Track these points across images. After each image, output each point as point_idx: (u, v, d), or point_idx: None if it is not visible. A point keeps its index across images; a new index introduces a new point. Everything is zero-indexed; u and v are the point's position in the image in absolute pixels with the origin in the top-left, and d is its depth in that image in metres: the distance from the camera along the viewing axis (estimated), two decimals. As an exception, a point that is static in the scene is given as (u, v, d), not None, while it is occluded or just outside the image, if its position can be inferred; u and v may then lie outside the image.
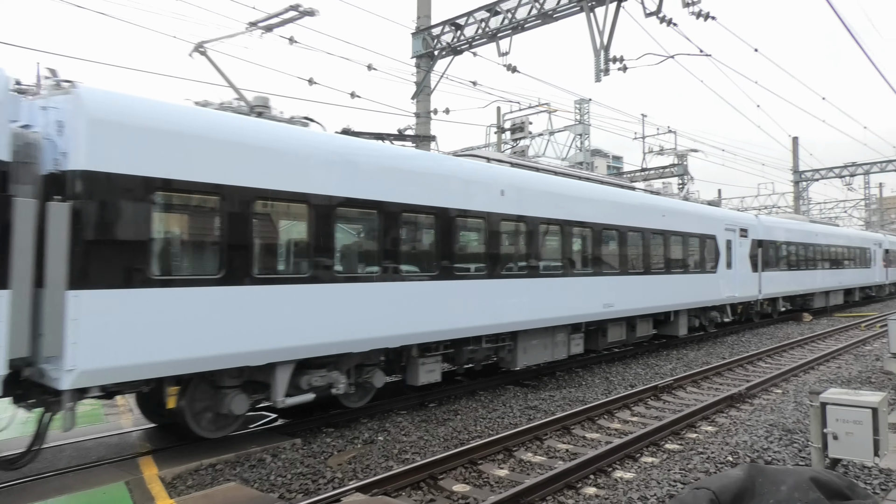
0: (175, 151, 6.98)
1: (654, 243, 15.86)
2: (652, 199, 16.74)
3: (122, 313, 6.48)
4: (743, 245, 20.47)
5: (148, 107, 7.01)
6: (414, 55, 17.73)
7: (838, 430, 6.39)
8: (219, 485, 6.87)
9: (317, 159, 8.44)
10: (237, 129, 7.67)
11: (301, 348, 8.12)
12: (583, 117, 28.34)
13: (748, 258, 20.80)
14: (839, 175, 44.48)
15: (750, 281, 20.98)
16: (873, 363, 14.48)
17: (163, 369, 6.86)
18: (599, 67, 14.19)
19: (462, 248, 10.79)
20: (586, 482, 7.09)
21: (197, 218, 7.50)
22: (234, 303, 7.38)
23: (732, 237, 19.77)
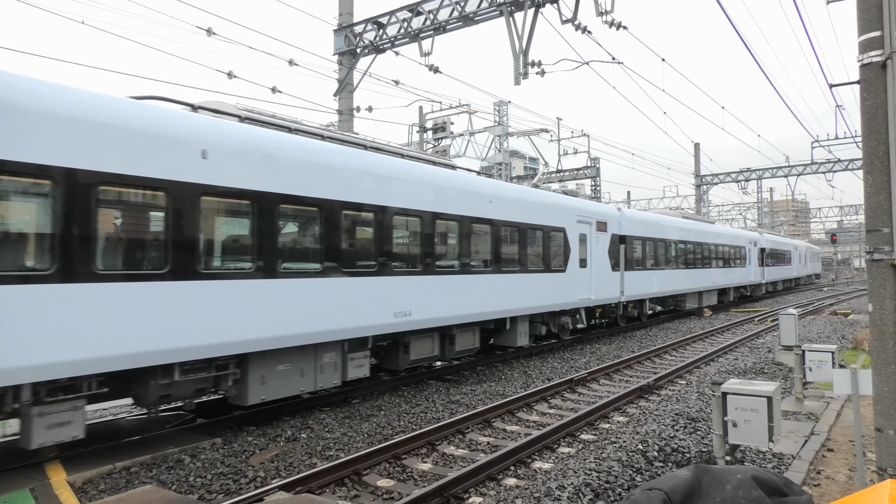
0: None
1: (478, 235, 12.91)
2: (476, 181, 13.44)
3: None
4: (601, 241, 18.02)
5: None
6: (336, 52, 17.49)
7: (737, 417, 6.77)
8: (134, 488, 6.53)
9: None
10: None
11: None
12: (502, 119, 28.78)
13: (607, 256, 18.43)
14: (736, 179, 47.36)
15: (610, 281, 18.56)
16: (766, 355, 15.49)
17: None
18: (518, 71, 14.49)
19: (116, 234, 7.22)
20: (507, 473, 7.21)
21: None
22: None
23: (587, 231, 17.31)
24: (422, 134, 26.28)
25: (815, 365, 10.45)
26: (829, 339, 18.10)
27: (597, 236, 17.74)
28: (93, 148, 6.79)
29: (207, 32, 13.03)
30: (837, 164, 41.16)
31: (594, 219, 17.79)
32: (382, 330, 10.50)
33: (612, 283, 18.83)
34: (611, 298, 18.81)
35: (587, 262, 17.21)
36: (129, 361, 6.99)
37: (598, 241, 17.82)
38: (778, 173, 45.22)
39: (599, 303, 18.13)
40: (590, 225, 17.44)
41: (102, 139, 6.88)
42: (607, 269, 18.47)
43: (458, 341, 12.73)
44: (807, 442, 8.19)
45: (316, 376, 9.62)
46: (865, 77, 4.69)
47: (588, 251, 17.31)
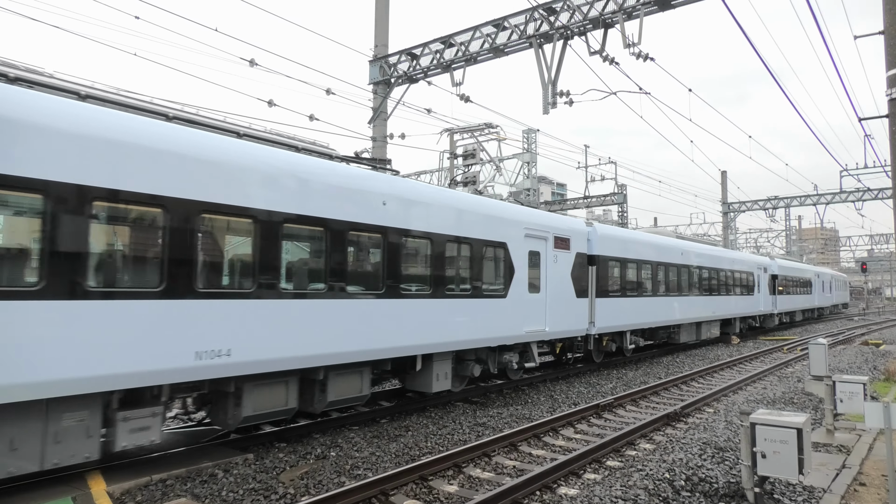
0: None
1: (359, 248, 9.88)
2: (356, 174, 9.99)
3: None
4: (562, 261, 14.75)
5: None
6: (371, 82, 17.82)
7: (766, 448, 6.61)
8: (168, 500, 6.62)
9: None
10: None
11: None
12: (530, 146, 28.89)
13: (570, 279, 15.08)
14: (763, 207, 46.60)
15: (574, 310, 15.23)
16: (795, 384, 15.08)
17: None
18: (547, 100, 14.58)
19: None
20: (532, 498, 7.12)
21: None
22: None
23: (542, 249, 14.04)
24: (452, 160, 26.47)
25: (847, 396, 10.14)
26: (860, 369, 17.55)
27: (555, 255, 14.48)
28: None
29: (250, 63, 13.41)
30: (867, 193, 40.24)
31: (551, 233, 14.44)
32: (172, 378, 7.18)
33: (578, 313, 15.47)
34: (575, 331, 15.46)
35: (541, 286, 13.92)
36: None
37: (556, 262, 14.55)
38: (806, 201, 44.37)
39: (558, 336, 14.71)
40: (545, 241, 14.15)
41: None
42: (570, 296, 15.11)
43: (331, 388, 9.39)
44: (838, 475, 7.92)
45: (44, 450, 6.30)
46: (894, 111, 4.63)
47: (542, 273, 14.03)
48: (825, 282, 48.39)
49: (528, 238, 13.59)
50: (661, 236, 22.34)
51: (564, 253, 15.00)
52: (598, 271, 16.46)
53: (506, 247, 12.85)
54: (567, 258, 15.14)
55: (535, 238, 13.85)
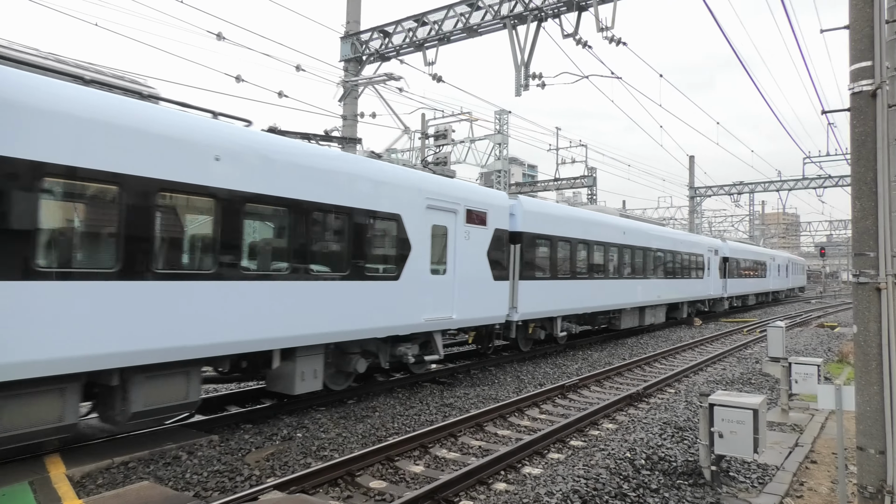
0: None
1: (177, 214, 7.64)
2: (191, 122, 7.81)
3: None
4: (475, 238, 12.75)
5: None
6: (342, 59, 17.54)
7: (724, 428, 6.81)
8: (131, 483, 6.52)
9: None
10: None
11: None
12: (502, 127, 28.85)
13: (487, 259, 13.15)
14: (728, 192, 47.46)
15: (491, 294, 13.31)
16: (754, 366, 15.51)
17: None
18: (520, 82, 14.53)
19: None
20: (497, 478, 7.21)
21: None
22: None
23: (450, 223, 12.11)
24: (423, 140, 26.30)
25: (801, 377, 10.48)
26: (815, 351, 18.14)
27: (467, 231, 12.48)
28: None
29: (217, 37, 13.04)
30: (828, 180, 41.31)
31: (462, 206, 12.37)
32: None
33: (496, 297, 13.49)
34: (492, 317, 13.54)
35: (448, 266, 12.03)
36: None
37: (469, 239, 12.56)
38: (770, 187, 45.35)
39: (471, 323, 12.90)
40: (454, 214, 12.16)
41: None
42: (486, 278, 13.17)
43: (136, 396, 7.33)
44: (791, 453, 8.21)
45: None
46: (856, 105, 4.71)
47: (451, 252, 12.10)
48: (781, 265, 47.75)
49: (432, 210, 11.57)
50: (601, 213, 20.08)
51: (479, 229, 12.93)
52: (522, 251, 14.62)
53: (399, 220, 10.75)
54: (483, 235, 13.08)
55: (441, 210, 11.80)
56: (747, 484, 7.01)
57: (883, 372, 4.68)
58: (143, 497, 5.94)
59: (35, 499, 5.96)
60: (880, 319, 4.65)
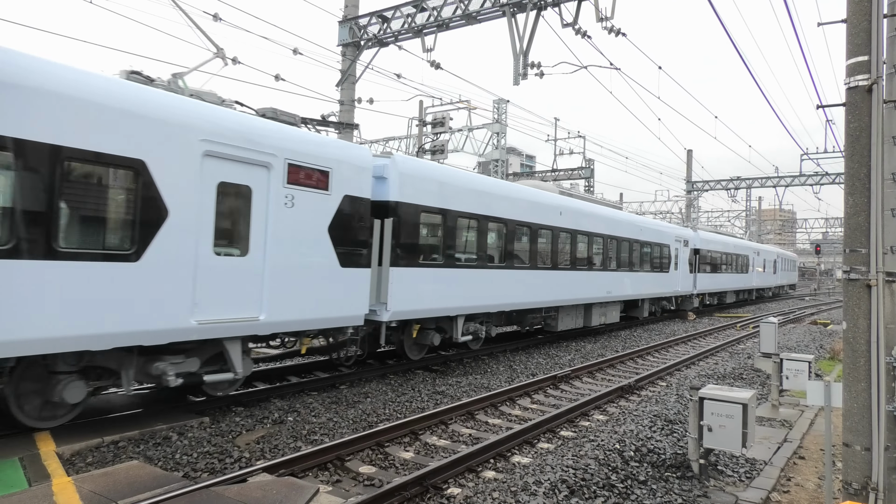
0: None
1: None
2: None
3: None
4: (307, 207, 9.27)
5: None
6: (340, 43, 17.42)
7: (713, 422, 6.85)
8: (121, 462, 6.54)
9: None
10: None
11: None
12: (500, 117, 28.77)
13: (328, 237, 9.60)
14: (726, 187, 47.45)
15: (338, 285, 9.82)
16: (745, 361, 15.59)
17: None
18: (518, 71, 14.45)
19: None
20: (486, 466, 7.25)
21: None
22: None
23: (257, 182, 8.57)
24: (421, 128, 26.23)
25: (792, 373, 10.54)
26: (807, 347, 18.24)
27: (290, 195, 8.93)
28: None
29: (214, 17, 12.94)
30: (825, 178, 41.31)
31: (281, 157, 8.80)
32: None
33: (346, 290, 9.96)
34: (339, 318, 9.94)
35: (250, 244, 8.45)
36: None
37: (294, 207, 9.04)
38: (767, 183, 45.33)
39: (296, 327, 9.26)
40: (265, 170, 8.58)
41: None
42: (327, 263, 9.61)
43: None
44: (779, 449, 8.27)
45: None
46: (851, 100, 4.71)
47: (256, 223, 8.53)
48: (767, 260, 44.15)
49: (214, 159, 7.96)
50: (528, 188, 15.98)
51: (316, 195, 9.37)
52: (398, 228, 11.03)
53: (142, 168, 7.22)
54: (322, 203, 9.48)
55: (236, 161, 8.20)
56: (735, 478, 7.06)
57: (871, 369, 4.71)
58: (132, 476, 5.96)
59: (25, 475, 5.98)
60: (870, 316, 4.67)
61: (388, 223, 11.05)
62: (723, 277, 32.81)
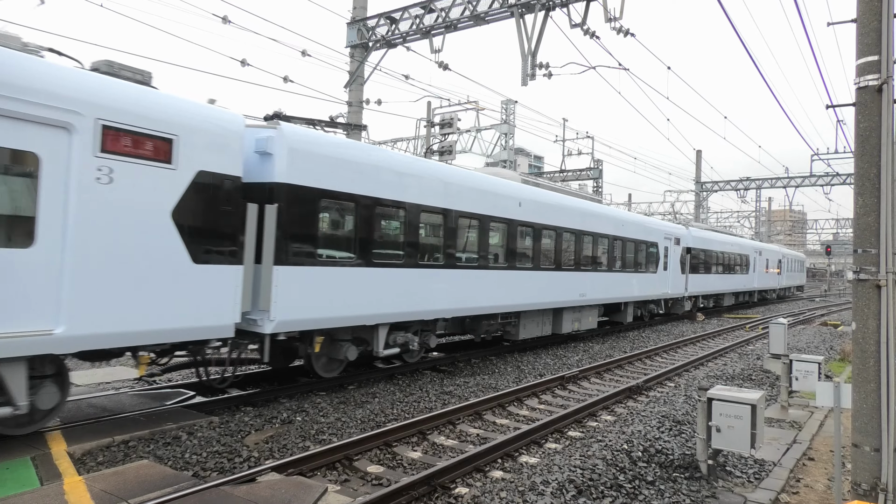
0: None
1: None
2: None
3: None
4: (135, 183, 7.14)
5: None
6: (348, 45, 17.48)
7: (721, 423, 6.82)
8: (131, 462, 6.59)
9: None
10: None
11: None
12: (508, 117, 28.76)
13: (171, 223, 7.55)
14: (735, 188, 47.25)
15: (188, 286, 7.73)
16: (755, 362, 15.51)
17: None
18: (527, 72, 14.45)
19: None
20: (494, 466, 7.25)
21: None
22: None
23: (49, 149, 6.40)
24: (429, 129, 26.25)
25: (802, 375, 10.48)
26: (817, 349, 18.12)
27: (106, 169, 6.87)
28: None
29: (223, 20, 13.03)
30: (836, 178, 41.06)
31: (89, 115, 6.72)
32: None
33: (201, 293, 7.87)
34: (191, 329, 7.80)
35: (39, 231, 6.36)
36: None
37: (112, 183, 6.94)
38: (777, 184, 45.12)
39: (113, 342, 7.08)
40: (64, 133, 6.54)
41: None
42: (170, 258, 7.54)
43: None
44: (788, 450, 8.22)
45: None
46: (861, 100, 4.68)
47: (47, 203, 6.44)
48: (771, 260, 40.96)
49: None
50: (475, 173, 13.70)
51: (151, 168, 7.28)
52: (286, 216, 8.90)
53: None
54: (161, 180, 7.41)
55: (13, 119, 6.15)
56: (743, 479, 7.03)
57: (881, 369, 4.68)
58: (142, 475, 6.01)
59: (36, 474, 6.04)
60: (879, 317, 4.64)
61: (272, 210, 8.73)
62: (719, 278, 30.26)
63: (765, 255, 39.14)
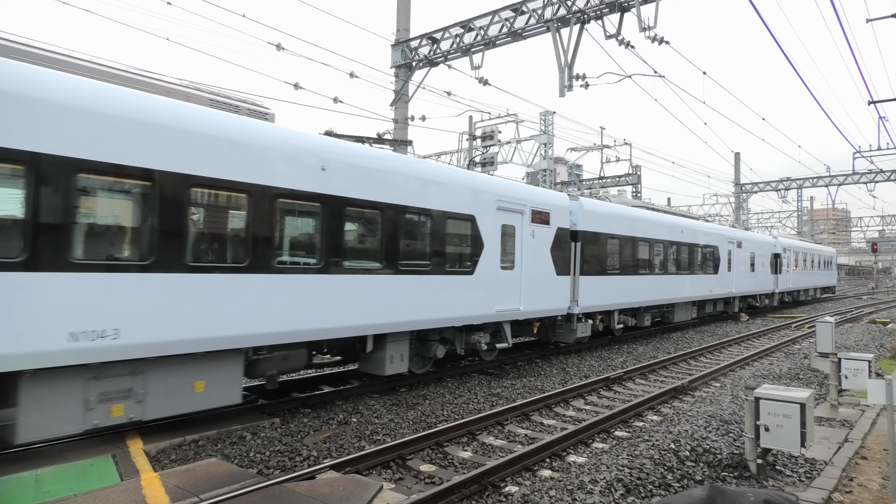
0: None
1: None
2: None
3: None
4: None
5: None
6: (393, 65, 17.69)
7: (770, 422, 6.56)
8: (200, 460, 6.77)
9: None
10: None
11: None
12: (547, 128, 28.54)
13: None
14: (775, 188, 45.65)
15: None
16: (802, 361, 14.88)
17: None
18: (564, 83, 14.33)
19: None
20: (542, 465, 7.16)
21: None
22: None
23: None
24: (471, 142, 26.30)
25: (851, 373, 9.99)
26: (866, 347, 17.26)
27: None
28: None
29: (277, 47, 13.38)
30: (879, 175, 39.20)
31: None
32: None
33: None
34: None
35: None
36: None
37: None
38: (818, 183, 43.35)
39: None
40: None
41: None
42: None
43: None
44: (840, 449, 7.83)
45: None
46: (907, 94, 4.45)
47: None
48: (767, 256, 28.62)
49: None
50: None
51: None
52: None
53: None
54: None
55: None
56: (794, 478, 6.73)
57: (936, 366, 4.40)
58: (212, 472, 6.16)
59: (117, 470, 6.26)
60: (933, 312, 4.38)
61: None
62: (647, 282, 17.99)
63: (750, 248, 26.59)
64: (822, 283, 40.65)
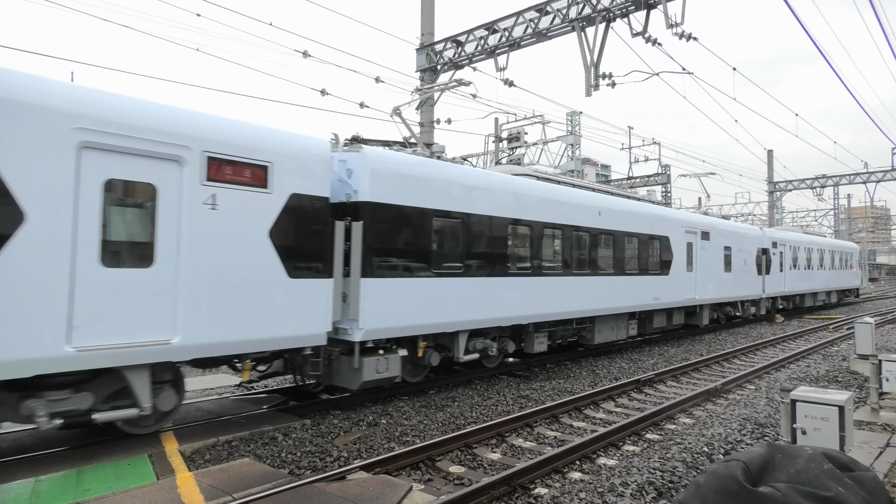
0: None
1: None
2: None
3: None
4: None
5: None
6: (418, 69, 17.78)
7: (807, 425, 6.38)
8: (234, 460, 6.89)
9: None
10: None
11: None
12: (574, 128, 28.33)
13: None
14: (810, 186, 44.52)
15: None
16: (840, 363, 14.47)
17: None
18: (590, 83, 14.21)
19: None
20: (572, 467, 7.09)
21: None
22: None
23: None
24: (497, 144, 26.25)
25: (893, 375, 9.67)
26: (908, 349, 16.69)
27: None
28: None
29: (304, 55, 13.56)
30: (921, 171, 37.89)
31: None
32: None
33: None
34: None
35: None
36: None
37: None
38: (856, 180, 42.12)
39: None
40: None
41: None
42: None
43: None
44: (882, 453, 7.59)
45: None
46: (948, 86, 4.31)
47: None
48: (751, 252, 23.05)
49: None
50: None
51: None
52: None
53: None
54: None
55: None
56: (834, 481, 6.54)
57: (983, 367, 4.24)
58: (245, 472, 6.26)
59: (153, 469, 6.41)
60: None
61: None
62: (528, 287, 12.26)
63: (720, 240, 20.48)
64: (837, 284, 33.94)
